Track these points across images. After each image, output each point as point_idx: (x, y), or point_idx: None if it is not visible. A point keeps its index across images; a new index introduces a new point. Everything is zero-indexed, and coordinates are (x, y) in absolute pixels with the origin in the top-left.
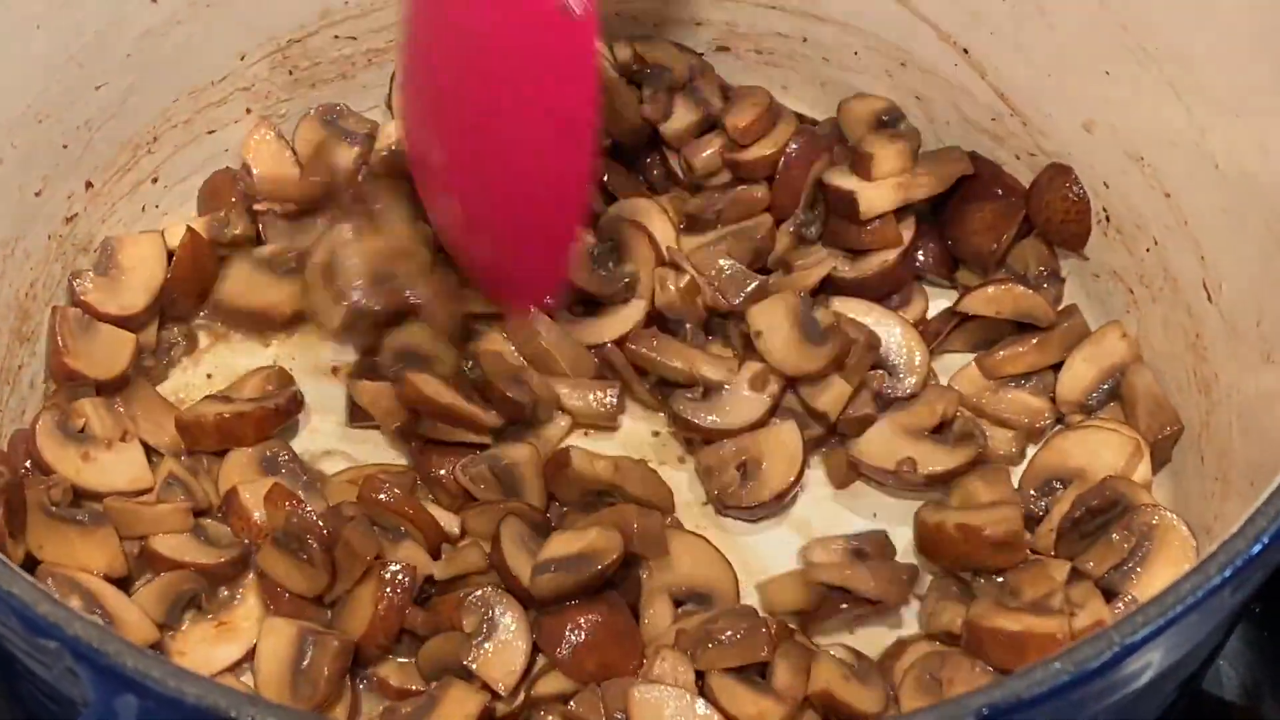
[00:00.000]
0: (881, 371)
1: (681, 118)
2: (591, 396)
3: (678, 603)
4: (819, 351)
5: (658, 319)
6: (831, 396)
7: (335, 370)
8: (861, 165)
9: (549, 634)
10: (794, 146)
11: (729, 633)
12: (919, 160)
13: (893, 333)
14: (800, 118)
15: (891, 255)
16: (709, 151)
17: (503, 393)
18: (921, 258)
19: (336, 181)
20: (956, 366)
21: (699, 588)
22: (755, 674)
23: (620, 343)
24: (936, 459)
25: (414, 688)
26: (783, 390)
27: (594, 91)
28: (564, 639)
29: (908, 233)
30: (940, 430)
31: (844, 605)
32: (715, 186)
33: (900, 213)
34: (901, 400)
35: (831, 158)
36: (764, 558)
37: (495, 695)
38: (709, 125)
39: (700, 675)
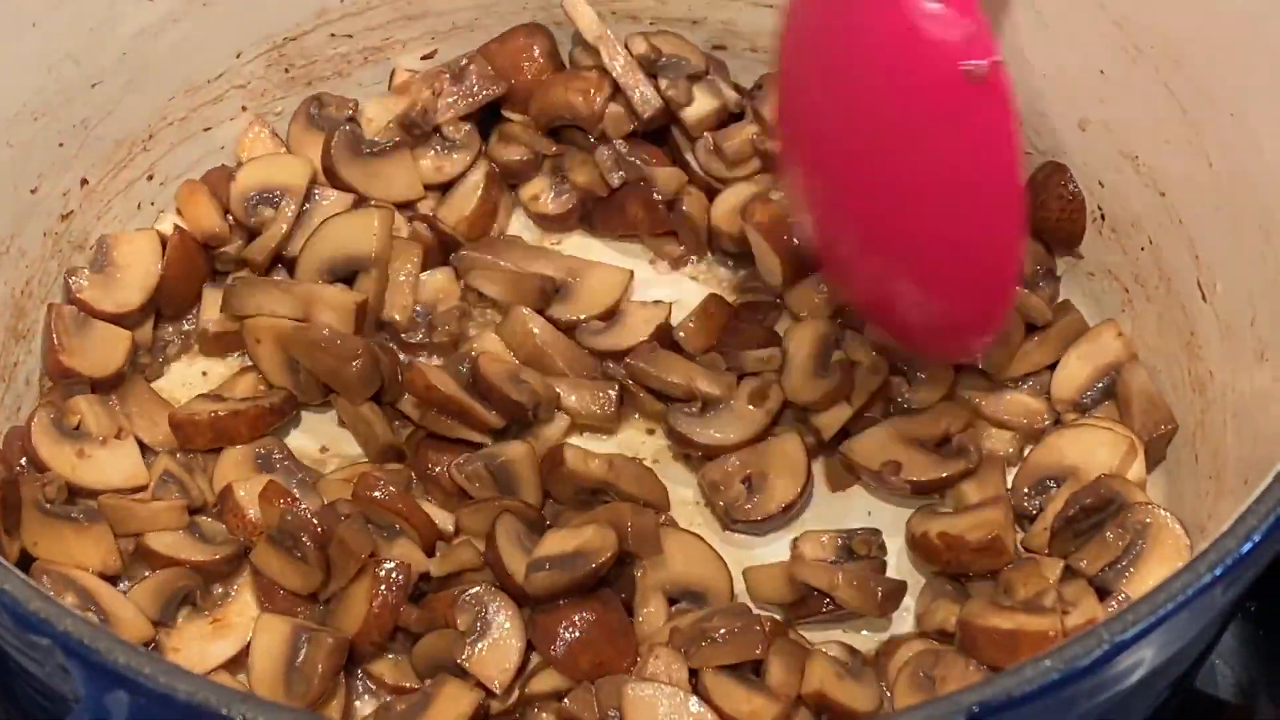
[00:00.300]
0: (902, 380)
1: (703, 104)
2: (590, 396)
3: (672, 601)
4: (821, 384)
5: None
6: (830, 418)
7: None
8: None
9: (543, 631)
10: None
11: (723, 630)
12: None
13: None
14: None
15: None
16: (740, 138)
17: (504, 393)
18: None
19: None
20: None
21: (693, 586)
22: (749, 671)
23: (621, 356)
24: (923, 468)
25: (408, 685)
26: (782, 406)
27: (1014, 155)
28: (558, 636)
29: None
30: (940, 445)
31: (827, 606)
32: (742, 175)
33: None
34: (912, 410)
35: None
36: (758, 557)
37: (489, 693)
38: (727, 116)
39: (694, 673)
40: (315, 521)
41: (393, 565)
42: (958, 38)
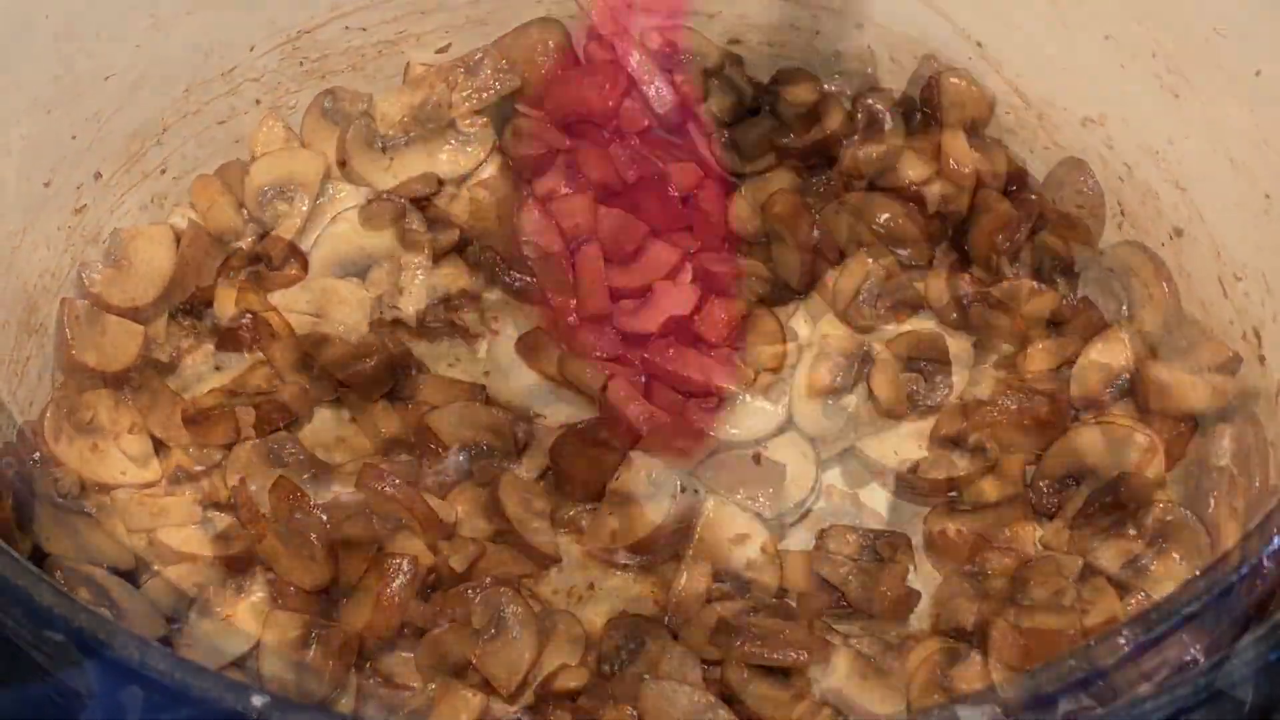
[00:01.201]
0: (919, 375)
1: (718, 99)
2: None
3: (716, 578)
4: (823, 423)
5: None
6: (830, 447)
7: None
8: None
9: None
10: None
11: (769, 631)
12: None
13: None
14: None
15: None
16: (756, 133)
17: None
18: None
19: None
20: None
21: (743, 573)
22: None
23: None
24: (940, 466)
25: (415, 685)
26: None
27: None
28: None
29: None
30: (956, 443)
31: (839, 601)
32: (759, 170)
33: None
34: (927, 408)
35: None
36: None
37: (495, 694)
38: (743, 111)
39: (715, 662)
40: (324, 518)
41: (401, 560)
42: None
